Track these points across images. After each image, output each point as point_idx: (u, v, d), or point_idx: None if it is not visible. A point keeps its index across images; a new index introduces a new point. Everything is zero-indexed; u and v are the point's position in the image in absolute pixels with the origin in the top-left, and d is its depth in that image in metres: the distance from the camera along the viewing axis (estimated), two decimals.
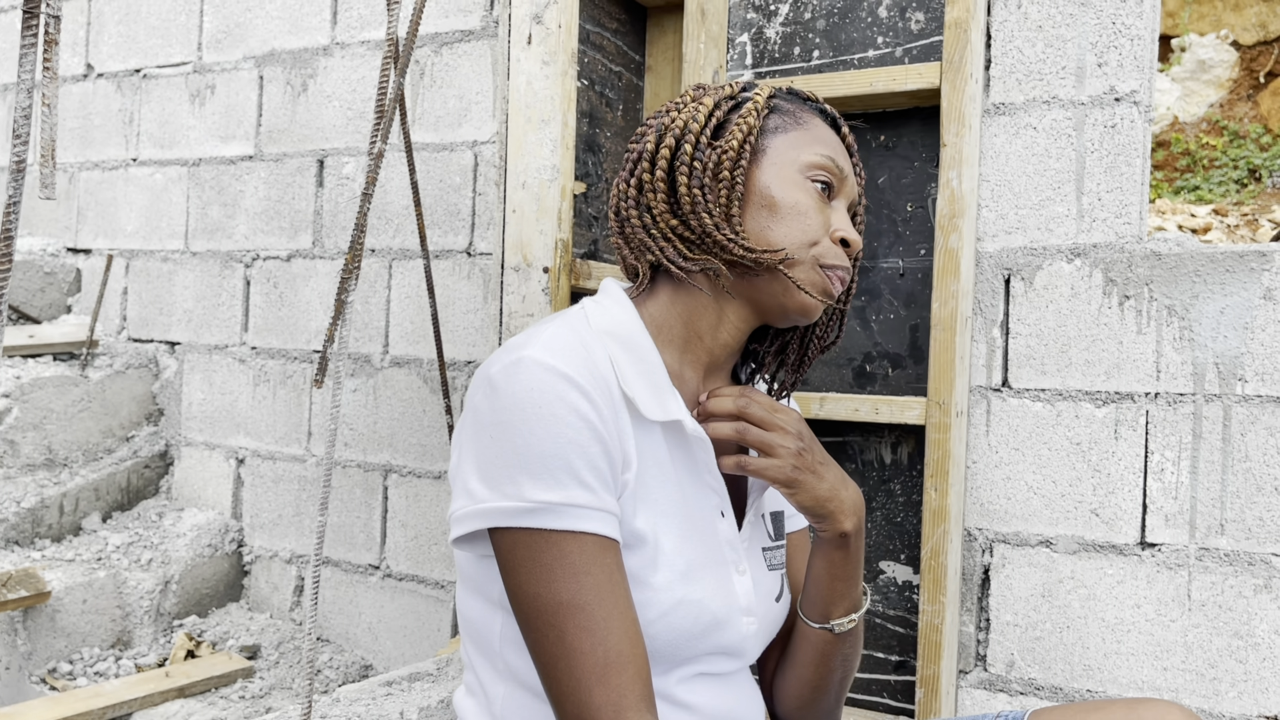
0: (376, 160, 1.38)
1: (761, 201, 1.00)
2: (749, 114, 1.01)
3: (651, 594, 0.92)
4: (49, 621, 2.35)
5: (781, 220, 0.99)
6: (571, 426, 0.87)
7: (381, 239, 2.55)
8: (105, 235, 3.11)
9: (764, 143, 1.02)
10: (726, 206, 0.99)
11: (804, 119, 1.04)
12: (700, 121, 1.01)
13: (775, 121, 1.03)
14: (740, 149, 0.99)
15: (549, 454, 0.86)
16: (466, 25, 2.44)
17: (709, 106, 1.02)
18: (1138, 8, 1.67)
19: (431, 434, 2.46)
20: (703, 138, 1.00)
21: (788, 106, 1.05)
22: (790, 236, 0.99)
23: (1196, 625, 1.62)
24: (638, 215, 1.03)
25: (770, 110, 1.04)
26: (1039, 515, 1.72)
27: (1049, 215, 1.72)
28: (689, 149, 1.00)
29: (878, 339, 1.82)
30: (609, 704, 0.84)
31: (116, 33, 3.11)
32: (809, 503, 1.01)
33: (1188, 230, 4.11)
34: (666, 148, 1.01)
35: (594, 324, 0.97)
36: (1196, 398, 1.63)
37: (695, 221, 0.99)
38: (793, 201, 1.00)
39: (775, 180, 1.00)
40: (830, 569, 1.06)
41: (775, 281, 1.00)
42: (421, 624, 2.46)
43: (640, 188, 1.03)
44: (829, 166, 1.02)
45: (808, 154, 1.01)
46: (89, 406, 2.79)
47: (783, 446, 0.99)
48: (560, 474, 0.86)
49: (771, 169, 1.01)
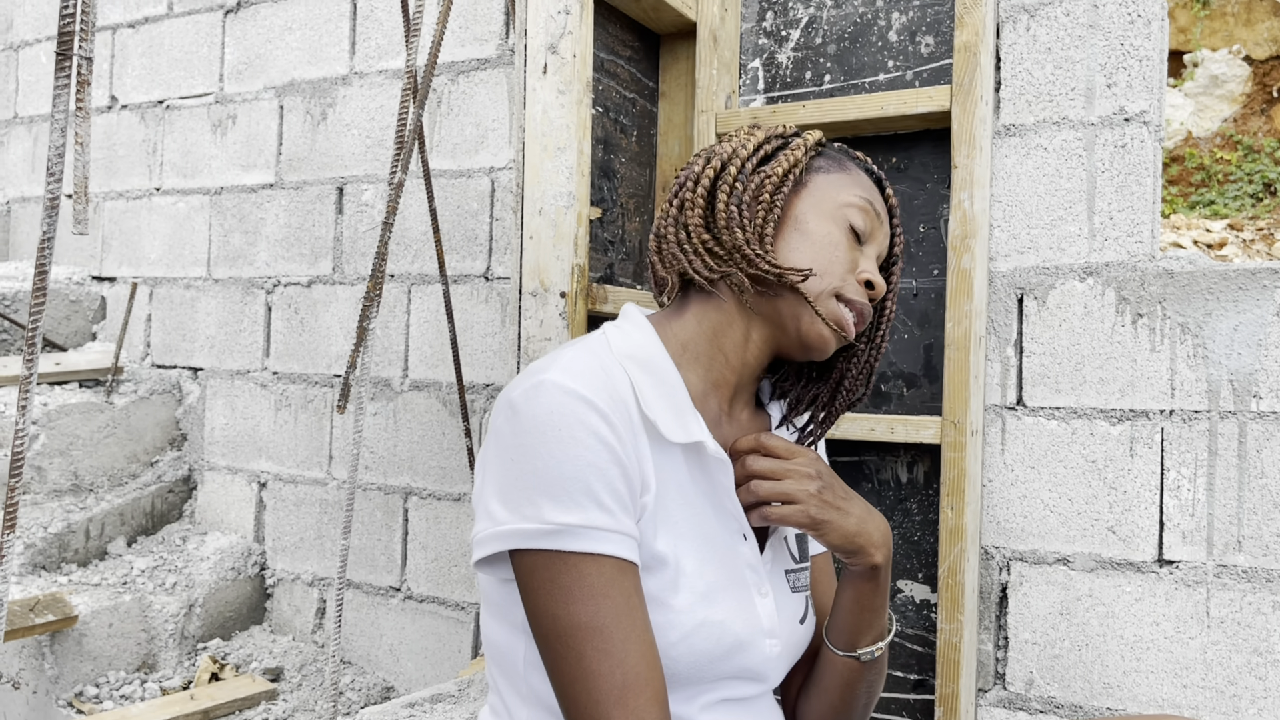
0: (397, 190, 1.41)
1: (795, 227, 1.03)
2: (796, 149, 1.05)
3: (673, 616, 0.93)
4: (76, 645, 2.38)
5: (811, 247, 1.02)
6: (590, 449, 0.88)
7: (401, 264, 2.59)
8: (129, 263, 3.16)
9: (807, 177, 1.05)
10: (761, 227, 1.02)
11: (849, 167, 1.08)
12: (748, 150, 1.05)
13: (821, 162, 1.07)
14: (784, 176, 1.03)
15: (568, 476, 0.87)
16: (483, 54, 2.48)
17: (759, 139, 1.06)
18: (1146, 29, 1.69)
19: (451, 456, 2.48)
20: (749, 163, 1.04)
21: (835, 154, 1.09)
22: (817, 263, 1.02)
23: (1216, 642, 1.62)
24: (674, 231, 1.05)
25: (818, 153, 1.08)
26: (1056, 533, 1.73)
27: (1061, 235, 1.74)
28: (734, 170, 1.03)
29: (892, 359, 1.84)
30: None
31: (140, 65, 3.17)
32: (838, 541, 1.02)
33: (1203, 245, 4.11)
34: (712, 168, 1.05)
35: (615, 348, 0.99)
36: (1211, 415, 1.64)
37: (727, 236, 1.01)
38: (824, 233, 1.03)
39: (812, 211, 1.04)
40: (859, 600, 1.06)
41: (796, 304, 1.02)
42: (442, 645, 2.48)
43: (682, 206, 1.06)
44: (867, 210, 1.05)
45: (847, 194, 1.05)
46: (114, 432, 2.83)
47: (801, 490, 1.00)
48: (579, 496, 0.87)
49: (810, 199, 1.04)
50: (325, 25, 2.76)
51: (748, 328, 1.04)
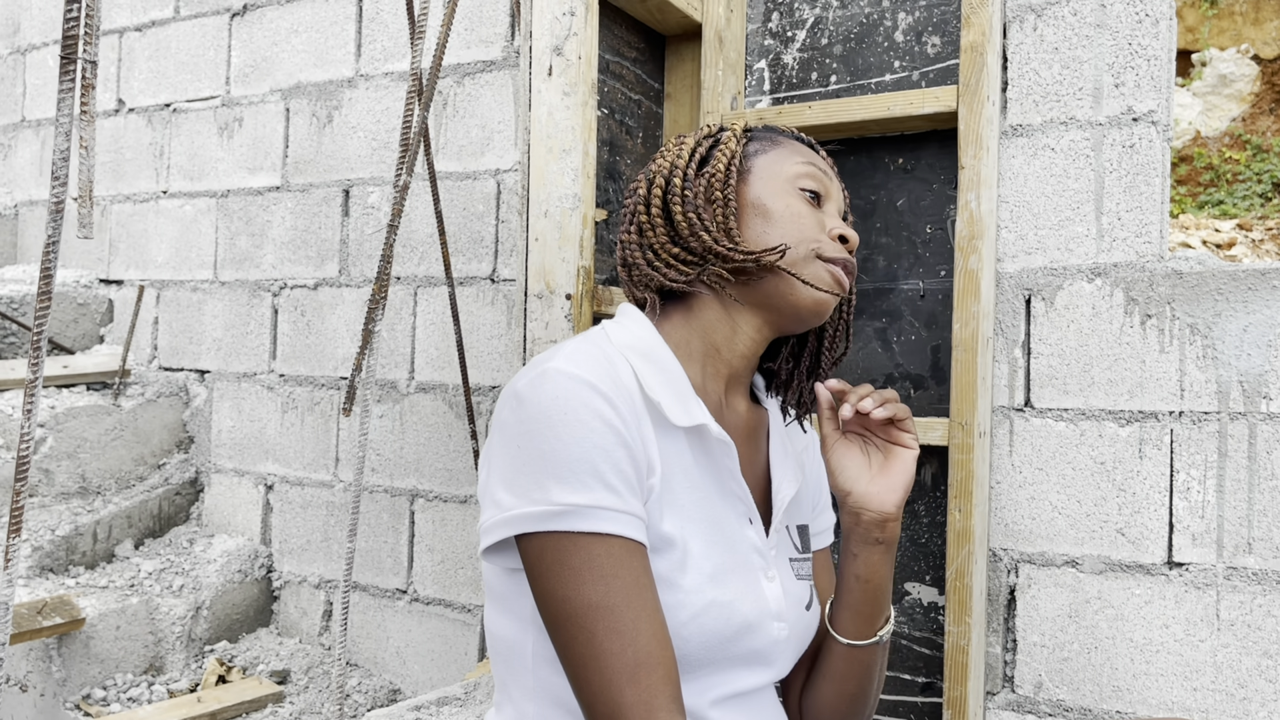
0: (402, 193, 1.41)
1: (756, 212, 1.06)
2: (729, 141, 1.08)
3: (682, 596, 0.94)
4: (83, 648, 2.38)
5: (777, 224, 1.05)
6: (596, 431, 0.89)
7: (406, 267, 2.59)
8: (136, 266, 3.17)
9: (748, 164, 1.08)
10: (724, 222, 1.04)
11: (781, 141, 1.11)
12: (684, 158, 1.08)
13: (755, 146, 1.10)
14: (727, 170, 1.06)
15: (575, 458, 0.88)
16: (488, 56, 2.48)
17: (690, 145, 1.10)
18: (1154, 28, 1.68)
19: (457, 459, 2.48)
20: (689, 170, 1.07)
21: (764, 134, 1.12)
22: (789, 236, 1.04)
23: (1226, 645, 1.61)
24: (641, 255, 1.09)
25: (749, 139, 1.11)
26: (1064, 535, 1.72)
27: (1069, 235, 1.73)
28: (679, 182, 1.06)
29: (899, 360, 1.83)
30: (640, 703, 0.85)
31: (147, 68, 3.17)
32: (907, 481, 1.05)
33: (1212, 245, 4.09)
34: (658, 188, 1.08)
35: (615, 340, 1.01)
36: (1221, 416, 1.63)
37: (696, 243, 1.04)
38: (784, 206, 1.06)
39: (765, 191, 1.07)
40: (870, 571, 1.06)
41: (782, 282, 1.04)
42: (449, 648, 2.48)
43: (641, 230, 1.09)
44: (814, 174, 1.08)
45: (791, 166, 1.08)
46: (121, 435, 2.84)
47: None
48: (586, 477, 0.88)
49: (759, 183, 1.07)
50: (331, 28, 2.76)
51: (734, 320, 1.07)
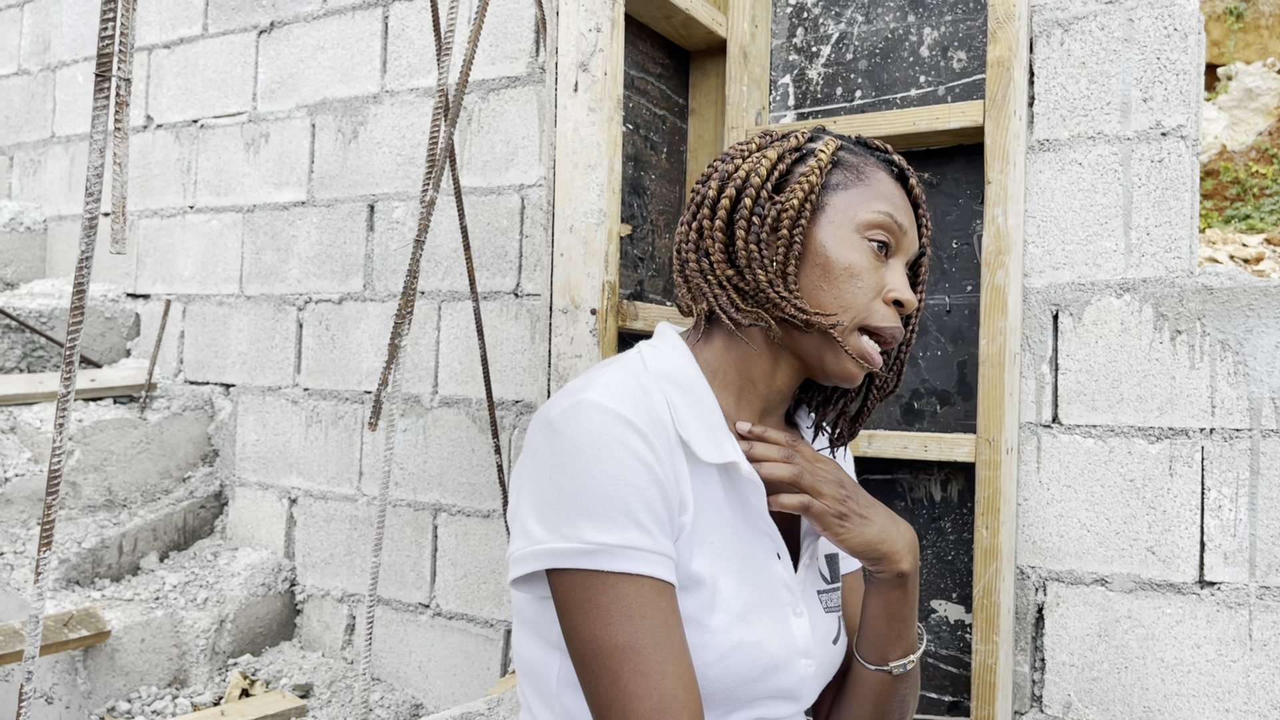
0: (428, 209, 1.42)
1: (816, 260, 1.00)
2: (812, 171, 1.01)
3: (709, 636, 0.92)
4: (108, 661, 2.39)
5: (834, 283, 1.00)
6: (630, 469, 0.88)
7: (431, 281, 2.60)
8: (163, 280, 3.19)
9: (824, 199, 1.02)
10: (783, 265, 0.99)
11: (867, 174, 1.03)
12: (762, 175, 1.01)
13: (838, 177, 1.03)
14: (800, 207, 0.99)
15: (607, 496, 0.87)
16: (513, 72, 2.49)
17: (772, 159, 1.02)
18: (1182, 42, 1.67)
19: (480, 473, 2.48)
20: (764, 191, 1.01)
21: (852, 160, 1.04)
22: (841, 300, 1.00)
23: (1259, 665, 1.59)
24: (695, 260, 1.04)
25: (835, 165, 1.03)
26: (1093, 553, 1.70)
27: (1097, 250, 1.72)
28: (749, 202, 1.00)
29: (925, 376, 1.82)
30: None
31: (175, 85, 3.21)
32: (859, 546, 1.01)
33: (1239, 260, 4.05)
34: (727, 198, 1.02)
35: (651, 368, 0.99)
36: (1253, 433, 1.61)
37: (750, 276, 1.00)
38: (847, 264, 1.00)
39: (831, 239, 1.00)
40: (888, 609, 1.06)
41: (822, 343, 1.01)
42: (471, 663, 2.47)
43: (700, 233, 1.04)
44: (888, 225, 1.02)
45: (866, 212, 1.01)
46: (147, 448, 2.86)
47: (827, 486, 1.01)
48: (618, 516, 0.87)
49: (829, 227, 1.01)
50: (357, 44, 2.78)
51: (775, 360, 1.04)
